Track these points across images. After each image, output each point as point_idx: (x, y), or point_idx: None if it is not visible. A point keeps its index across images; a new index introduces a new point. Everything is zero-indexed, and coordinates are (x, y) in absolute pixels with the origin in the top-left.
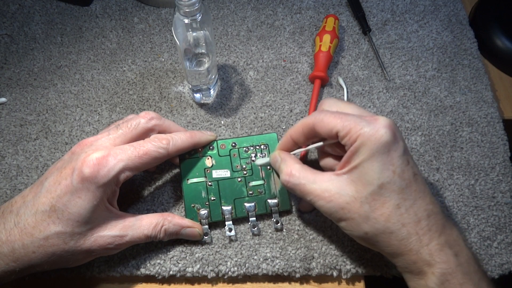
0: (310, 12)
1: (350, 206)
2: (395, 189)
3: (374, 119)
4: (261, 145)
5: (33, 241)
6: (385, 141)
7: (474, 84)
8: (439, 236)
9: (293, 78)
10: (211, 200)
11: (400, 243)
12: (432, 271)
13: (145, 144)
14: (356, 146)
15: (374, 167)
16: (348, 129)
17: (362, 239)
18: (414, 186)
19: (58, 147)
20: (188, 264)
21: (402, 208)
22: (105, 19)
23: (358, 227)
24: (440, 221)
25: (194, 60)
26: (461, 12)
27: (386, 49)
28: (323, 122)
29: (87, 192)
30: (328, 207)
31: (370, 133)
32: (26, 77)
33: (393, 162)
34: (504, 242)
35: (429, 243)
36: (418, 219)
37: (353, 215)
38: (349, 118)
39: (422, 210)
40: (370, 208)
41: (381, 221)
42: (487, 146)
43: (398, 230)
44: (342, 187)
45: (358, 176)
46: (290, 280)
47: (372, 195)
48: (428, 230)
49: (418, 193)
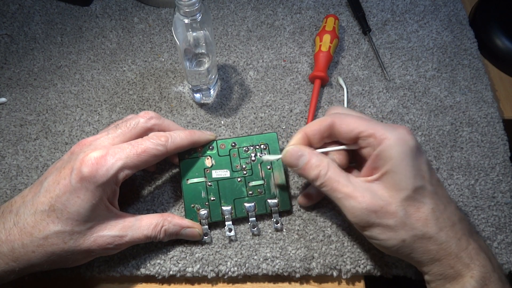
0: (310, 12)
1: (384, 210)
2: (428, 194)
3: (396, 126)
4: (261, 145)
5: (32, 241)
6: (414, 146)
7: (474, 84)
8: (473, 240)
9: (293, 78)
10: (210, 200)
11: (440, 248)
12: (471, 274)
13: (143, 142)
14: (383, 149)
15: (407, 172)
16: (372, 132)
17: (397, 249)
18: (441, 191)
19: (58, 147)
20: (188, 264)
21: (437, 212)
22: (105, 19)
23: (395, 234)
24: (468, 226)
25: (194, 60)
26: (461, 12)
27: (386, 49)
28: (344, 122)
29: (86, 192)
30: (359, 208)
31: (397, 137)
32: (26, 77)
33: (422, 167)
34: (504, 242)
35: (467, 246)
36: (452, 223)
37: (389, 221)
38: (373, 122)
39: (454, 214)
40: (406, 214)
41: (419, 226)
42: (487, 146)
43: (436, 234)
44: (376, 190)
45: (390, 181)
46: (290, 280)
47: (407, 201)
48: (462, 234)
49: (446, 198)
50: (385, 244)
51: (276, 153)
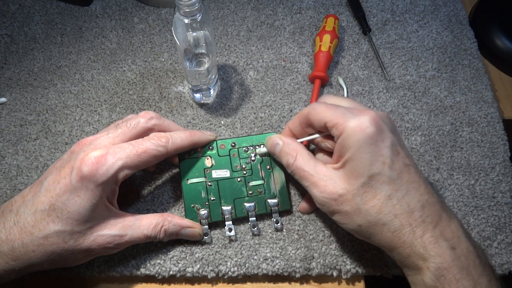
0: (310, 12)
1: (342, 198)
2: (385, 180)
3: (360, 112)
4: (260, 145)
5: (32, 240)
6: (370, 133)
7: (474, 84)
8: (434, 227)
9: (293, 78)
10: (211, 200)
11: (393, 235)
12: (427, 265)
13: (144, 142)
14: (343, 138)
15: (363, 159)
16: (336, 121)
17: (356, 232)
18: (406, 176)
19: (58, 147)
20: (188, 264)
21: (394, 199)
22: (105, 19)
23: (351, 220)
24: (436, 212)
25: (194, 60)
26: (461, 12)
27: (386, 49)
28: (315, 112)
29: (86, 191)
30: (321, 196)
31: (355, 125)
32: (26, 77)
33: (382, 153)
34: (504, 242)
35: (422, 235)
36: (411, 210)
37: (345, 208)
38: (338, 110)
39: (416, 201)
40: (361, 200)
41: (373, 213)
42: (487, 146)
43: (390, 221)
44: (337, 179)
45: (349, 168)
46: (290, 280)
47: (363, 187)
48: (422, 221)
49: (411, 184)
50: (347, 228)
51: None
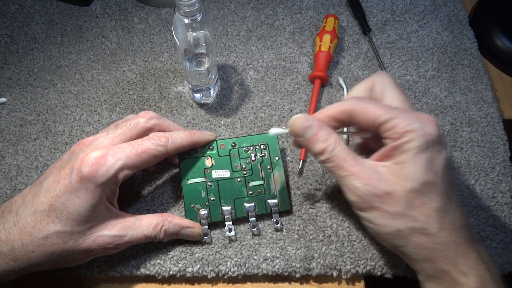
0: (310, 12)
1: (388, 197)
2: (437, 191)
3: (422, 116)
4: (260, 145)
5: (32, 240)
6: (433, 139)
7: (474, 84)
8: (473, 249)
9: (293, 78)
10: (211, 200)
11: (435, 248)
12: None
13: (143, 142)
14: (403, 141)
15: (420, 165)
16: (395, 123)
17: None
18: (452, 193)
19: (58, 147)
20: (188, 264)
21: (442, 212)
22: (105, 19)
23: (391, 222)
24: (471, 235)
25: (194, 60)
26: (461, 12)
27: (386, 49)
28: (365, 112)
29: (86, 191)
30: (363, 189)
31: (420, 130)
32: (26, 77)
33: (438, 163)
34: (504, 242)
35: (465, 254)
36: (456, 226)
37: (388, 208)
38: (396, 112)
39: (458, 220)
40: (408, 205)
41: (420, 220)
42: (487, 146)
43: (436, 233)
44: (382, 175)
45: (400, 171)
46: (290, 280)
47: (413, 192)
48: (464, 241)
49: (455, 202)
50: (381, 230)
51: (276, 154)
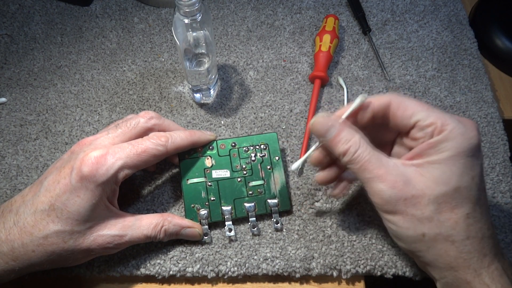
0: (310, 12)
1: (415, 200)
2: (469, 197)
3: (464, 119)
4: (261, 145)
5: (32, 240)
6: (475, 144)
7: (474, 84)
8: (498, 260)
9: (293, 78)
10: (211, 200)
11: (459, 256)
12: None
13: (143, 142)
14: (439, 140)
15: (456, 168)
16: (434, 120)
17: (412, 241)
18: (484, 200)
19: (58, 147)
20: (188, 264)
21: (471, 219)
22: (105, 19)
23: (416, 226)
24: (497, 246)
25: (194, 60)
26: (461, 12)
27: (386, 49)
28: (403, 105)
29: (86, 191)
30: (388, 193)
31: (460, 131)
32: (26, 77)
33: (475, 168)
34: (504, 242)
35: (490, 265)
36: (482, 236)
37: (415, 211)
38: (436, 110)
39: (486, 229)
40: (436, 209)
41: (447, 226)
42: (487, 146)
43: (461, 241)
44: (410, 177)
45: (432, 172)
46: (290, 280)
47: (444, 196)
48: (489, 251)
49: (485, 209)
50: (403, 233)
51: (276, 153)
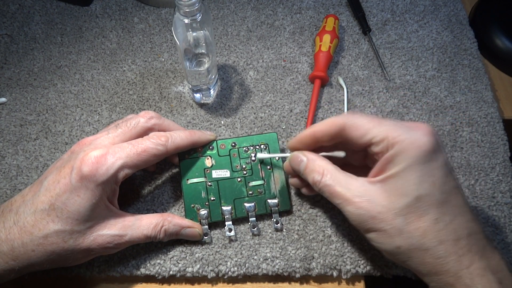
0: (310, 12)
1: (382, 216)
2: (433, 202)
3: (415, 126)
4: (261, 145)
5: (32, 240)
6: (427, 150)
7: (474, 84)
8: (480, 258)
9: (293, 78)
10: (211, 200)
11: (436, 262)
12: None
13: (143, 141)
14: (393, 153)
15: (413, 178)
16: (385, 135)
17: (392, 254)
18: (454, 200)
19: (58, 147)
20: (188, 264)
21: (441, 223)
22: (105, 19)
23: (390, 240)
24: (481, 242)
25: (194, 60)
26: (461, 12)
27: (386, 49)
28: (356, 125)
29: (86, 191)
30: (357, 214)
31: (410, 140)
32: (26, 77)
33: (434, 173)
34: (504, 242)
35: (469, 265)
36: (457, 237)
37: (385, 227)
38: (386, 123)
39: (463, 228)
40: (404, 221)
41: (416, 235)
42: (487, 146)
43: (434, 247)
44: (375, 195)
45: (393, 186)
46: (290, 280)
47: (407, 207)
48: (468, 250)
49: (458, 208)
50: (382, 248)
51: (276, 153)
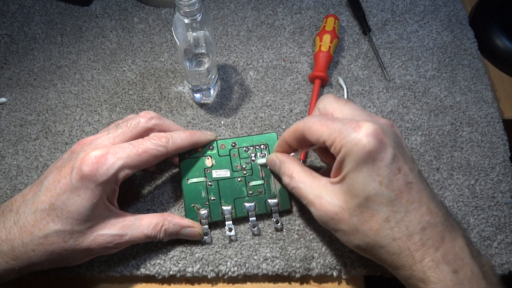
0: (310, 12)
1: (339, 217)
2: (382, 201)
3: (358, 126)
4: (261, 145)
5: (32, 239)
6: (369, 151)
7: (474, 84)
8: (435, 251)
9: (293, 78)
10: (211, 200)
11: (392, 258)
12: None
13: (144, 142)
14: (342, 155)
15: (359, 179)
16: (333, 138)
17: (358, 251)
18: (406, 196)
19: (58, 147)
20: (188, 264)
21: (392, 221)
22: (105, 19)
23: (350, 239)
24: (438, 234)
25: (194, 60)
26: (461, 12)
27: (386, 49)
28: (310, 130)
29: (86, 190)
30: (318, 215)
31: (353, 142)
32: (26, 77)
33: (380, 172)
34: (504, 242)
35: (422, 259)
36: (410, 233)
37: (343, 227)
38: (334, 126)
39: (416, 223)
40: (358, 221)
41: (370, 235)
42: (487, 146)
43: (388, 244)
44: (333, 196)
45: (346, 187)
46: (290, 280)
47: (359, 208)
48: (421, 245)
49: (411, 204)
50: (348, 246)
51: None
